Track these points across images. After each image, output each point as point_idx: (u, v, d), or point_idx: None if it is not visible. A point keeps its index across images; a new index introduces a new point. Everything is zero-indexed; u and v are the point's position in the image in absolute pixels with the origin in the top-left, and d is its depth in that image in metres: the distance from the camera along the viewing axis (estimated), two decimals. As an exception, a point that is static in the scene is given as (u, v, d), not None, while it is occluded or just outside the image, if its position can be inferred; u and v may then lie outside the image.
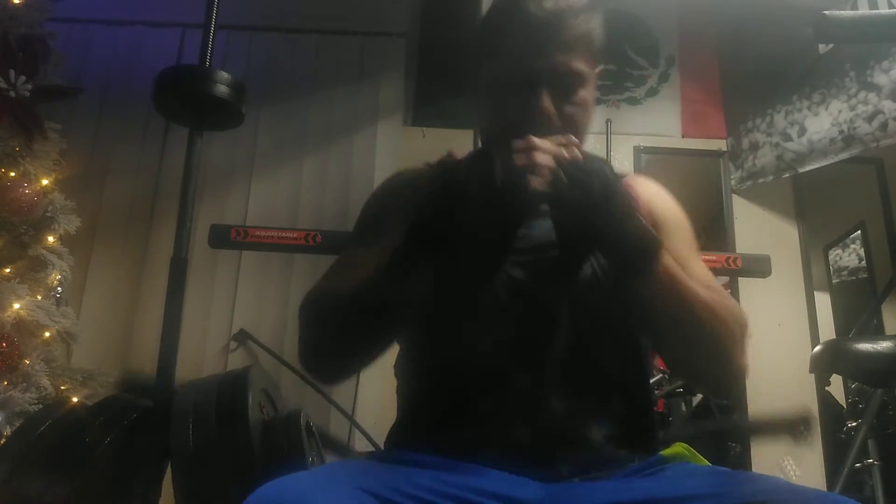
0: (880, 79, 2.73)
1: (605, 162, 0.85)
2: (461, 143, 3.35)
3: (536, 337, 0.93)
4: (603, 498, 0.80)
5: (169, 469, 1.40)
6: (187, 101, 1.70)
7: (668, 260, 0.86)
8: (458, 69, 1.14)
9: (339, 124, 3.41)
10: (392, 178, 1.14)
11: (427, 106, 3.53)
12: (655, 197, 1.08)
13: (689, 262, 0.97)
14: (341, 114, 3.42)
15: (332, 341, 0.94)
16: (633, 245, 0.84)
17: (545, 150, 0.81)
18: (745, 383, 2.96)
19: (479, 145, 1.17)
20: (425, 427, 0.95)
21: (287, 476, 0.74)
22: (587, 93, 0.97)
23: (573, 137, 0.85)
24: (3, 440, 2.03)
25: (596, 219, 0.81)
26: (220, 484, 1.31)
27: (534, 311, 0.93)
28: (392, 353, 1.11)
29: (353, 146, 3.37)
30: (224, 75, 1.66)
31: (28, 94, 2.44)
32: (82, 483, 1.42)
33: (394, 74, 3.49)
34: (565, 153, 0.81)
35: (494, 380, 0.91)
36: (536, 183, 0.79)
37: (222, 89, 1.65)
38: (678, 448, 0.96)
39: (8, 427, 2.10)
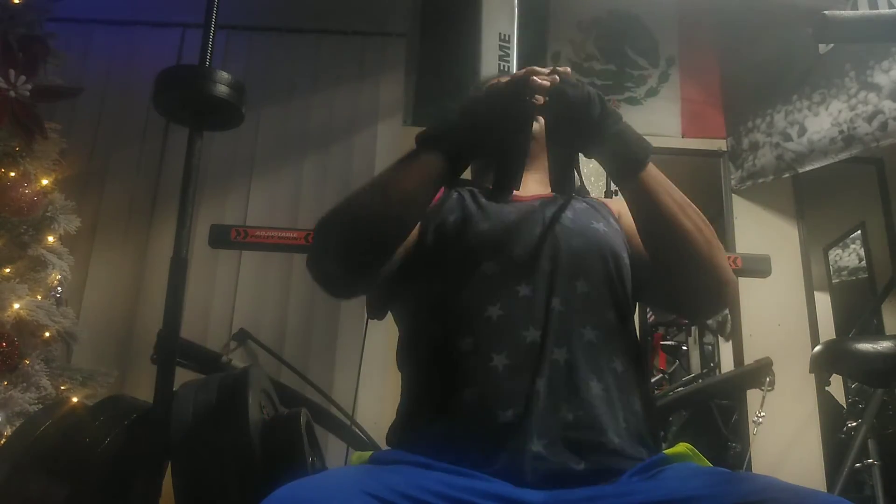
0: (880, 79, 2.73)
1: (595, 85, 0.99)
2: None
3: (535, 327, 0.94)
4: (604, 502, 0.80)
5: (169, 469, 1.40)
6: (187, 101, 1.70)
7: (656, 169, 0.98)
8: (460, 67, 1.20)
9: (340, 124, 3.41)
10: None
11: (427, 106, 3.52)
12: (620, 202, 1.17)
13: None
14: (341, 114, 3.42)
15: (344, 235, 0.97)
16: (631, 138, 0.96)
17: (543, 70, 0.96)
18: (741, 364, 2.95)
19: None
20: (427, 421, 0.96)
21: (298, 481, 0.75)
22: None
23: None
24: (3, 440, 2.03)
25: (595, 113, 0.92)
26: (219, 483, 1.31)
27: (534, 300, 0.97)
28: (393, 352, 1.12)
29: (354, 146, 3.37)
30: (224, 75, 1.66)
31: (28, 93, 2.44)
32: (82, 483, 1.43)
33: (394, 74, 3.49)
34: (564, 69, 0.95)
35: (498, 354, 0.92)
36: (539, 87, 0.92)
37: (222, 89, 1.65)
38: (681, 448, 0.97)
39: (8, 427, 2.10)
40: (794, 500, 0.71)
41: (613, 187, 2.41)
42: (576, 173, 1.03)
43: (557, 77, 0.94)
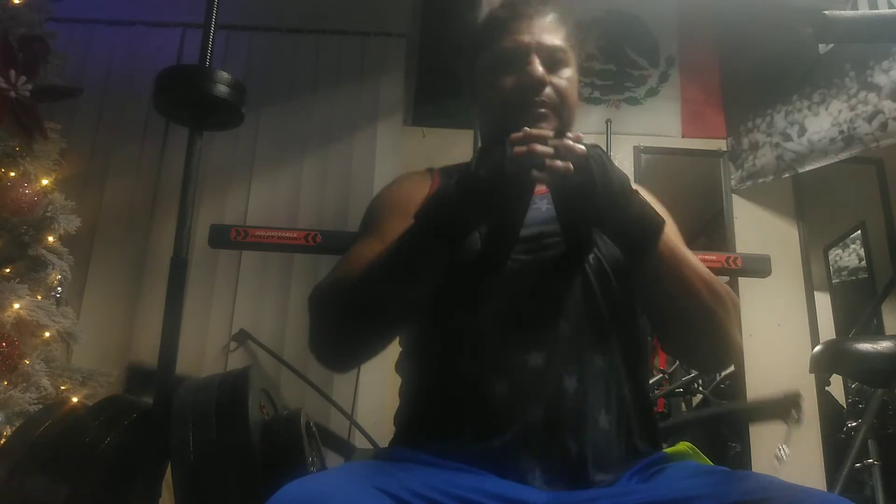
0: (880, 79, 2.73)
1: (601, 148, 0.88)
2: (461, 142, 3.37)
3: (538, 327, 0.94)
4: (607, 503, 0.81)
5: (169, 469, 1.40)
6: (187, 102, 1.70)
7: (668, 238, 0.92)
8: (457, 69, 1.18)
9: (339, 124, 3.41)
10: (398, 177, 1.21)
11: (427, 106, 3.53)
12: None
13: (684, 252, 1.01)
14: (341, 114, 3.42)
15: (341, 325, 0.96)
16: (637, 223, 0.89)
17: (542, 138, 0.85)
18: (741, 365, 2.96)
19: (480, 145, 1.19)
20: (431, 426, 0.96)
21: (305, 478, 0.75)
22: (572, 73, 1.07)
23: (569, 130, 0.88)
24: (3, 440, 2.04)
25: (598, 201, 0.85)
26: (220, 484, 1.31)
27: (538, 302, 0.95)
28: (393, 352, 1.12)
29: (354, 146, 3.37)
30: (224, 75, 1.66)
31: (28, 94, 2.44)
32: (82, 483, 1.42)
33: (394, 74, 3.49)
34: (563, 142, 0.84)
35: (499, 376, 0.91)
36: (538, 171, 0.83)
37: (222, 89, 1.65)
38: (682, 447, 0.97)
39: (8, 427, 2.10)
40: (793, 498, 0.71)
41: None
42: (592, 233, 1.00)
43: (562, 140, 0.84)
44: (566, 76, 1.06)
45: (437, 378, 0.98)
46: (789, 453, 1.88)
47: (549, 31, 1.07)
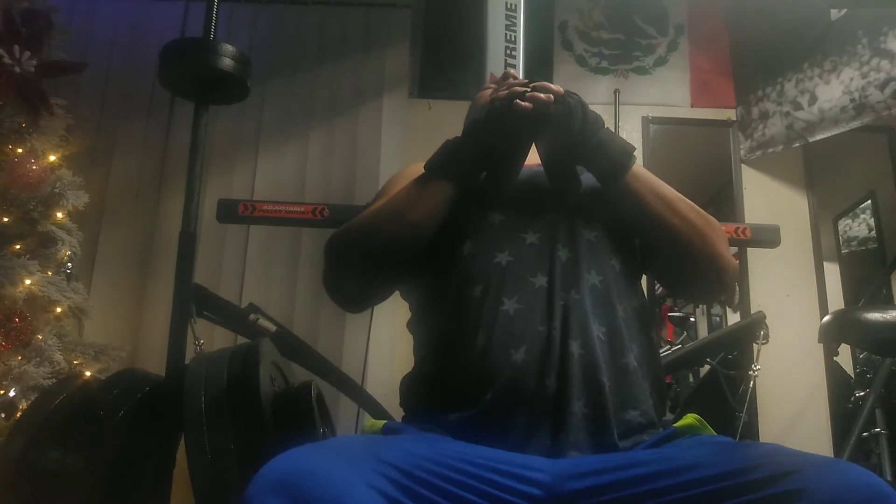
0: (893, 45, 2.68)
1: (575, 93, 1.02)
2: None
3: (544, 293, 0.96)
4: (610, 476, 0.81)
5: (182, 440, 1.42)
6: (192, 75, 1.69)
7: (642, 168, 1.03)
8: (466, 39, 1.21)
9: (345, 97, 3.38)
10: (411, 166, 1.24)
11: (433, 78, 3.50)
12: None
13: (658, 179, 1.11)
14: (347, 86, 3.40)
15: (353, 259, 1.06)
16: (612, 146, 1.02)
17: (522, 82, 1.02)
18: (734, 279, 2.96)
19: None
20: (437, 382, 0.98)
21: (297, 449, 0.74)
22: None
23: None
24: (18, 414, 2.07)
25: (576, 126, 0.99)
26: (232, 455, 1.33)
27: (540, 266, 0.99)
28: (401, 325, 1.13)
29: (359, 119, 3.35)
30: (229, 48, 1.65)
31: (33, 69, 2.43)
32: (97, 455, 1.45)
33: (399, 46, 3.46)
34: (542, 82, 1.00)
35: (499, 331, 0.93)
36: (524, 105, 0.97)
37: (227, 62, 1.64)
38: (690, 419, 0.98)
39: (23, 401, 2.13)
40: (794, 463, 0.71)
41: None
42: (576, 170, 1.09)
43: (539, 93, 0.98)
44: None
45: (439, 337, 1.00)
46: (760, 368, 1.92)
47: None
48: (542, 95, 0.97)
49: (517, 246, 1.01)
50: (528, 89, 0.99)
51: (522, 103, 0.97)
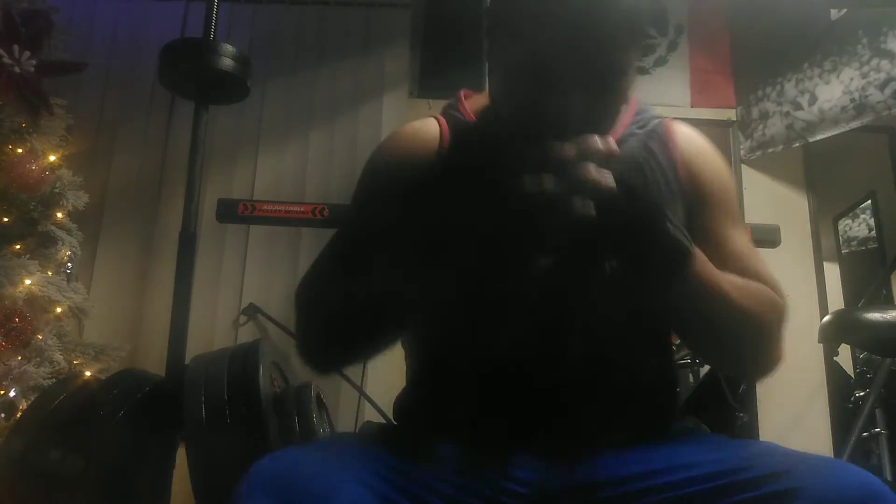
0: (894, 45, 2.68)
1: (637, 167, 0.77)
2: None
3: (545, 310, 0.87)
4: (601, 474, 0.80)
5: (182, 440, 1.42)
6: (192, 75, 1.69)
7: (702, 265, 0.78)
8: (466, 38, 1.10)
9: (345, 97, 3.38)
10: (390, 146, 1.02)
11: (433, 77, 3.49)
12: (696, 154, 0.97)
13: (727, 241, 0.92)
14: (347, 86, 3.40)
15: (327, 342, 0.90)
16: (661, 260, 0.75)
17: (572, 166, 0.68)
18: (774, 373, 2.96)
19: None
20: (432, 403, 0.93)
21: (288, 448, 0.74)
22: (627, 83, 0.85)
23: (600, 143, 0.70)
24: (18, 414, 2.07)
25: (618, 241, 0.73)
26: (232, 454, 1.33)
27: (550, 297, 0.86)
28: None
29: (359, 118, 3.35)
30: (229, 48, 1.65)
31: (33, 69, 2.43)
32: (97, 455, 1.45)
33: (399, 46, 3.46)
34: (589, 173, 0.68)
35: (501, 356, 0.88)
36: (564, 211, 0.68)
37: (227, 62, 1.64)
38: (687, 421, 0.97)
39: (23, 401, 2.13)
40: (790, 462, 0.71)
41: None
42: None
43: (587, 171, 0.68)
44: (617, 92, 0.85)
45: (435, 364, 0.95)
46: None
47: (607, 35, 0.81)
48: (579, 207, 0.67)
49: (520, 273, 0.85)
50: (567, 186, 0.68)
51: (549, 219, 0.68)
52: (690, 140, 0.99)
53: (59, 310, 2.39)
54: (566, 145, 0.69)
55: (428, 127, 1.00)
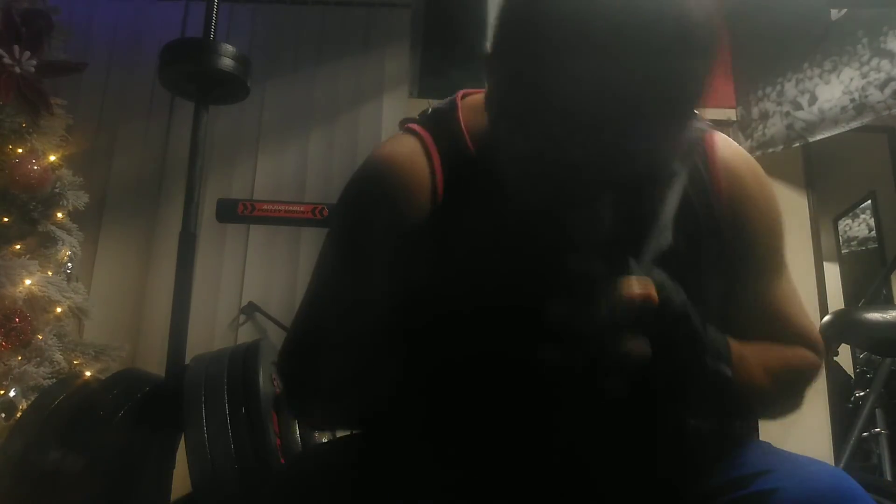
0: (894, 45, 2.68)
1: (682, 310, 0.61)
2: (468, 115, 3.31)
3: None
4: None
5: (182, 440, 1.42)
6: (192, 75, 1.69)
7: (738, 362, 0.69)
8: (466, 38, 1.00)
9: (345, 97, 3.39)
10: (376, 188, 0.81)
11: (433, 78, 3.48)
12: (739, 180, 0.82)
13: (768, 295, 0.83)
14: (347, 86, 3.40)
15: (324, 409, 0.81)
16: (699, 391, 0.68)
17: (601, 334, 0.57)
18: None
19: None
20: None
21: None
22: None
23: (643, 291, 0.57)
24: (18, 414, 2.07)
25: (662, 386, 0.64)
26: (232, 455, 1.33)
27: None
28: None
29: (359, 119, 3.35)
30: (229, 48, 1.65)
31: (33, 69, 2.43)
32: (97, 455, 1.45)
33: (399, 46, 3.46)
34: (629, 347, 0.57)
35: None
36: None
37: (227, 63, 1.64)
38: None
39: (23, 401, 2.13)
40: (770, 462, 0.71)
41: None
42: None
43: (636, 346, 0.57)
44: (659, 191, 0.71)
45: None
46: None
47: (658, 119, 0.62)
48: (637, 350, 0.57)
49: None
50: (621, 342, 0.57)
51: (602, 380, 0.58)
52: (736, 163, 0.83)
53: (59, 310, 2.39)
54: (595, 304, 0.56)
55: (416, 160, 0.79)
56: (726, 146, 0.84)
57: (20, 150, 2.41)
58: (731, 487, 0.70)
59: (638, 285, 0.56)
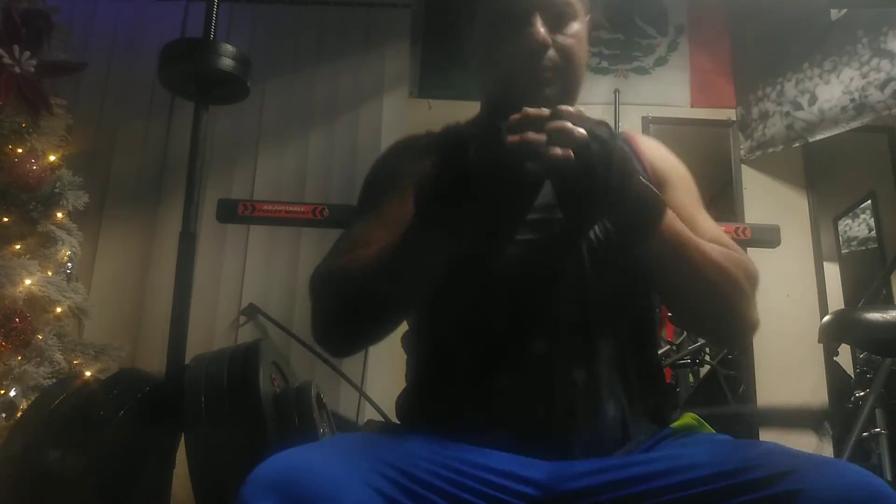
0: (894, 45, 2.68)
1: (605, 125, 0.81)
2: (468, 113, 3.30)
3: (544, 306, 0.92)
4: (607, 476, 0.80)
5: (182, 440, 1.42)
6: (192, 75, 1.69)
7: (672, 220, 0.86)
8: (457, 29, 1.12)
9: (345, 97, 3.38)
10: (394, 147, 1.14)
11: (433, 77, 3.50)
12: (656, 153, 1.08)
13: (695, 220, 0.99)
14: (347, 86, 3.40)
15: (343, 317, 0.94)
16: (636, 207, 0.83)
17: (540, 120, 0.78)
18: (752, 338, 2.97)
19: (479, 119, 1.14)
20: (434, 402, 0.95)
21: (293, 449, 0.74)
22: (580, 27, 1.00)
23: (570, 109, 0.80)
24: (18, 413, 2.07)
25: (597, 183, 0.78)
26: (232, 455, 1.33)
27: (542, 279, 0.92)
28: (400, 327, 1.12)
29: (360, 118, 3.35)
30: (229, 48, 1.65)
31: (33, 69, 2.43)
32: (97, 455, 1.45)
33: (399, 46, 3.46)
34: (563, 126, 0.77)
35: (503, 354, 0.90)
36: (535, 162, 0.77)
37: (227, 62, 1.64)
38: (687, 419, 0.97)
39: (23, 401, 2.13)
40: (794, 463, 0.71)
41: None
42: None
43: (557, 149, 0.76)
44: (572, 32, 0.98)
45: (437, 362, 0.97)
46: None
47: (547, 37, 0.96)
48: (559, 151, 0.76)
49: (519, 308, 0.91)
50: (543, 138, 0.77)
51: (533, 167, 0.77)
52: (649, 142, 1.11)
53: (59, 310, 2.39)
54: (541, 108, 0.79)
55: (420, 139, 1.12)
56: (643, 136, 1.14)
57: (20, 150, 2.41)
58: (756, 487, 0.70)
59: (573, 108, 0.80)
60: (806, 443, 2.83)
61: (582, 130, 0.77)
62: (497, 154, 0.78)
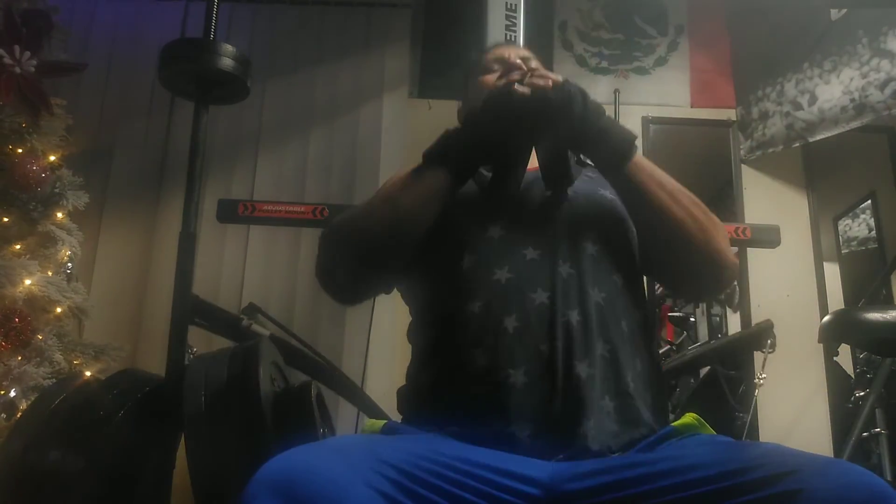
0: (894, 45, 2.68)
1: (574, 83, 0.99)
2: (468, 115, 3.32)
3: (545, 305, 0.94)
4: (608, 477, 0.81)
5: (182, 440, 1.42)
6: (192, 75, 1.69)
7: (641, 156, 1.01)
8: (466, 38, 1.24)
9: (345, 97, 3.38)
10: None
11: (433, 77, 3.49)
12: None
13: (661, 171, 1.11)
14: (347, 86, 3.40)
15: (346, 251, 1.05)
16: (615, 133, 1.00)
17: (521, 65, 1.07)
18: (732, 278, 2.97)
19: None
20: (434, 398, 0.97)
21: (294, 450, 0.74)
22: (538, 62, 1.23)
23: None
24: (18, 414, 2.07)
25: (577, 112, 0.96)
26: (232, 455, 1.33)
27: (542, 278, 0.97)
28: (403, 326, 1.12)
29: (360, 119, 3.35)
30: (229, 48, 1.65)
31: (33, 69, 2.43)
32: (97, 455, 1.45)
33: (399, 46, 3.46)
34: (541, 69, 1.04)
35: (503, 354, 0.92)
36: (522, 89, 0.96)
37: (227, 62, 1.64)
38: (688, 419, 0.97)
39: (23, 401, 2.13)
40: (795, 463, 0.71)
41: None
42: (570, 163, 1.09)
43: (538, 80, 0.97)
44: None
45: (438, 353, 0.99)
46: (766, 376, 1.96)
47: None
48: (540, 81, 0.96)
49: (517, 262, 0.98)
50: (528, 74, 0.99)
51: (521, 88, 0.96)
52: None
53: (59, 310, 2.39)
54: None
55: None
56: None
57: (20, 150, 2.41)
58: (757, 487, 0.70)
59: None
60: (806, 443, 2.83)
61: (557, 77, 0.98)
62: (499, 91, 0.99)
